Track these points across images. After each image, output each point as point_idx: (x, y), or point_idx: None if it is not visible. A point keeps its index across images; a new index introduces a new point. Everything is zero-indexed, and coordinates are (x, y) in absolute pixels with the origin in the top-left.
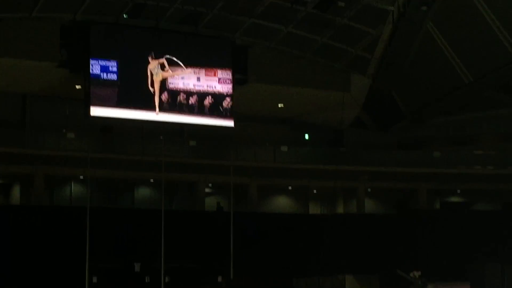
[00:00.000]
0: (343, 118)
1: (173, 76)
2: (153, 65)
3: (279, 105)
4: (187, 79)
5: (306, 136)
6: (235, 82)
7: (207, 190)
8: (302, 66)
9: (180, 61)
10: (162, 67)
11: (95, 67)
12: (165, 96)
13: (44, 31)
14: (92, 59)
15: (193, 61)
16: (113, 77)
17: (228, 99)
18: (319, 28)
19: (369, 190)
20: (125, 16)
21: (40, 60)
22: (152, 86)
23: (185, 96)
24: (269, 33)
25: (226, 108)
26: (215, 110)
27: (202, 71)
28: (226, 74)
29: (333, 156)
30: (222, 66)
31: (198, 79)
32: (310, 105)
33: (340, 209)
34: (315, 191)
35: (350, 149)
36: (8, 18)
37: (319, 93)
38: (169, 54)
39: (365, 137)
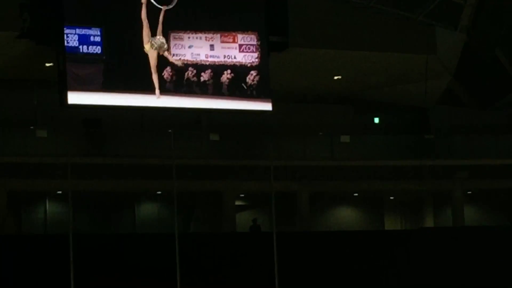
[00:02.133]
0: (427, 92)
1: (176, 38)
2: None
3: (335, 78)
4: (196, 48)
5: (376, 120)
6: (270, 47)
7: (238, 202)
8: (366, 20)
9: (187, 22)
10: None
11: (71, 37)
12: (167, 72)
13: None
14: (67, 27)
15: (204, 22)
16: (97, 49)
17: (253, 72)
18: None
19: (469, 192)
20: None
21: None
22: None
23: (194, 71)
24: None
25: (251, 85)
26: (236, 88)
27: (217, 36)
28: (249, 39)
29: (415, 147)
30: (245, 28)
31: (212, 47)
32: (379, 75)
33: (429, 222)
34: (392, 198)
35: (440, 136)
36: None
37: (392, 58)
38: (171, 12)
39: (460, 118)
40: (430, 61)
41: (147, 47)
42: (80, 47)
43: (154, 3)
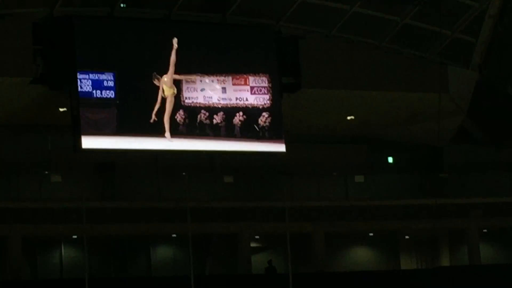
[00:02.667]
0: (440, 130)
1: (189, 81)
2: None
3: (348, 118)
4: (209, 91)
5: (390, 159)
6: (283, 88)
7: (253, 244)
8: (378, 59)
9: (199, 65)
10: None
11: (84, 82)
12: (180, 115)
13: (10, 34)
14: (80, 72)
15: (216, 64)
16: (110, 94)
17: (265, 114)
18: (399, 4)
19: (484, 231)
20: (122, 6)
21: (6, 74)
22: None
23: (207, 113)
24: (327, 15)
25: (263, 126)
26: (249, 130)
27: (229, 79)
28: (261, 81)
29: (430, 186)
30: (257, 70)
31: (224, 89)
32: (392, 115)
33: (445, 260)
34: (407, 237)
35: (454, 174)
36: None
37: (404, 97)
38: (185, 55)
39: (473, 156)
40: (443, 99)
41: (169, 91)
42: (94, 92)
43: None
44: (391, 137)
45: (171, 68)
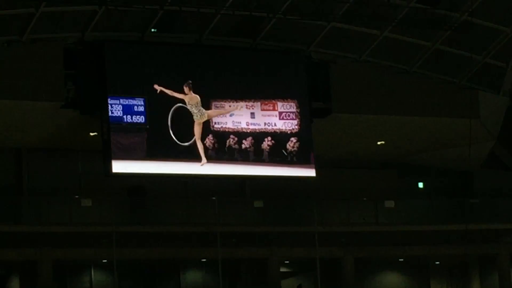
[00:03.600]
0: (471, 156)
1: (220, 113)
2: (191, 99)
3: (379, 143)
4: (238, 116)
5: (420, 185)
6: (313, 113)
7: (283, 269)
8: (408, 85)
9: (228, 91)
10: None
11: (115, 107)
12: (209, 140)
13: (42, 59)
14: (110, 97)
15: (245, 90)
16: (140, 119)
17: (293, 139)
18: (429, 30)
19: None
20: (153, 30)
21: (38, 99)
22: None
23: (236, 138)
24: (357, 40)
25: (291, 151)
26: (277, 155)
27: (258, 104)
28: (289, 106)
29: (460, 211)
30: (285, 96)
31: (253, 115)
32: (422, 140)
33: (476, 286)
34: (437, 263)
35: (484, 199)
36: None
37: (434, 122)
38: (215, 81)
39: (504, 181)
40: (474, 125)
41: (201, 118)
42: (124, 117)
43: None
44: (421, 162)
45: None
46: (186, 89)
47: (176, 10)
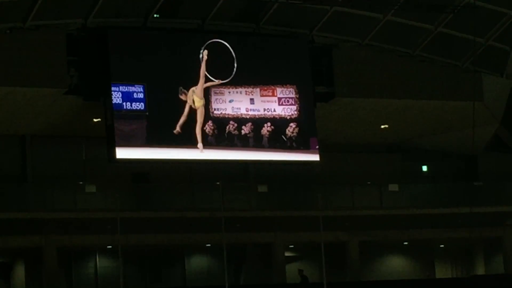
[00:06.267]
0: (475, 139)
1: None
2: (191, 99)
3: (382, 126)
4: (237, 102)
5: (424, 168)
6: (316, 98)
7: (287, 253)
8: (411, 68)
9: (230, 76)
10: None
11: (115, 94)
12: (209, 126)
13: (44, 45)
14: (113, 84)
15: (244, 76)
16: (140, 106)
17: (292, 125)
18: (432, 13)
19: None
20: (155, 16)
21: (41, 85)
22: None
23: (235, 124)
24: (360, 24)
25: (291, 137)
26: (276, 140)
27: (257, 90)
28: (288, 92)
29: (465, 194)
30: (284, 81)
31: (252, 101)
32: (426, 124)
33: (480, 269)
34: (442, 246)
35: (489, 183)
36: None
37: (438, 105)
38: (216, 66)
39: (508, 164)
40: (477, 108)
41: (200, 102)
42: (124, 104)
43: (212, 78)
44: (425, 145)
45: (202, 79)
46: (183, 96)
47: None
